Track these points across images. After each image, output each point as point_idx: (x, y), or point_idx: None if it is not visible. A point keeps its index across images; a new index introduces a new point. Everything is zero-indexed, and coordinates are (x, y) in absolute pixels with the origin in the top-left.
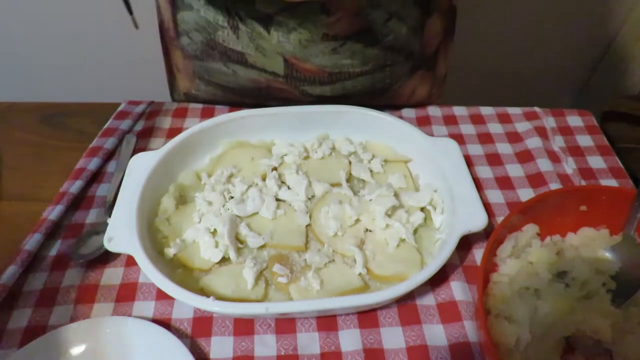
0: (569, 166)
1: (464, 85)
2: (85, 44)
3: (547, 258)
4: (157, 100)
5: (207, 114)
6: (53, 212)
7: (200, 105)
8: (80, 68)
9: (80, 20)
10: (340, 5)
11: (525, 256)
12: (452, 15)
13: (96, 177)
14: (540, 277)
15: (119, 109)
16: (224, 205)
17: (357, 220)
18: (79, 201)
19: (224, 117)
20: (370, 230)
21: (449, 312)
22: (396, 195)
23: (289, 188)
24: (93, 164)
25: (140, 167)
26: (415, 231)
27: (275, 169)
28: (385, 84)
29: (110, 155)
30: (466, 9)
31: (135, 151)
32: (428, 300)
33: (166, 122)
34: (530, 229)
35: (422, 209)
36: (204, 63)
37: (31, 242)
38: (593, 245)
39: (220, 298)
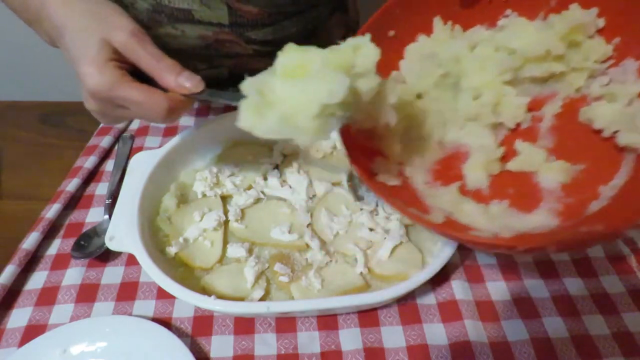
0: None
1: None
2: None
3: None
4: None
5: (201, 112)
6: (50, 211)
7: (195, 104)
8: None
9: None
10: None
11: None
12: None
13: (95, 176)
14: None
15: None
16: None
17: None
18: (79, 200)
19: (225, 116)
20: (372, 229)
21: (449, 312)
22: None
23: (290, 187)
24: (90, 162)
25: (141, 166)
26: (416, 231)
27: (276, 167)
28: (314, 25)
29: (107, 154)
30: None
31: (132, 150)
32: (429, 300)
33: None
34: None
35: None
36: (151, 31)
37: (29, 241)
38: None
39: (221, 297)
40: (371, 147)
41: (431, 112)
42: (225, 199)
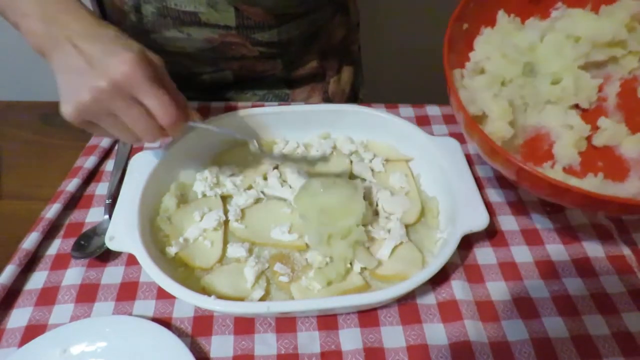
0: None
1: None
2: None
3: None
4: None
5: (202, 112)
6: (50, 211)
7: (195, 104)
8: None
9: None
10: None
11: None
12: None
13: (95, 176)
14: None
15: None
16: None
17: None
18: (79, 200)
19: (225, 116)
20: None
21: (449, 312)
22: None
23: (290, 187)
24: (90, 162)
25: (141, 166)
26: (416, 231)
27: (276, 167)
28: (318, 26)
29: (107, 154)
30: None
31: (132, 150)
32: (429, 300)
33: None
34: None
35: (422, 209)
36: (157, 34)
37: (29, 241)
38: None
39: (221, 297)
40: None
41: (515, 98)
42: (225, 199)
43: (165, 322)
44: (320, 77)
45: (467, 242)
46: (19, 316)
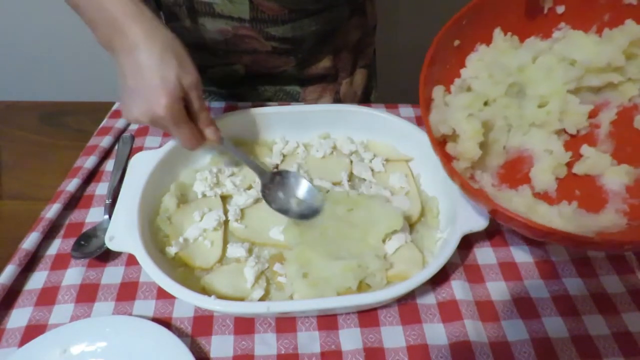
0: None
1: None
2: (86, 43)
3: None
4: None
5: None
6: (50, 211)
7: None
8: (79, 67)
9: (80, 21)
10: None
11: None
12: None
13: (95, 176)
14: None
15: (114, 107)
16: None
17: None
18: (79, 200)
19: (225, 116)
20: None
21: (449, 311)
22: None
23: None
24: (90, 162)
25: (141, 166)
26: (416, 231)
27: (276, 167)
28: (333, 26)
29: (107, 154)
30: None
31: (132, 150)
32: (429, 300)
33: None
34: None
35: (422, 209)
36: (171, 24)
37: (29, 241)
38: None
39: (221, 297)
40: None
41: (498, 118)
42: (225, 199)
43: (165, 322)
44: (332, 77)
45: (467, 242)
46: (19, 316)
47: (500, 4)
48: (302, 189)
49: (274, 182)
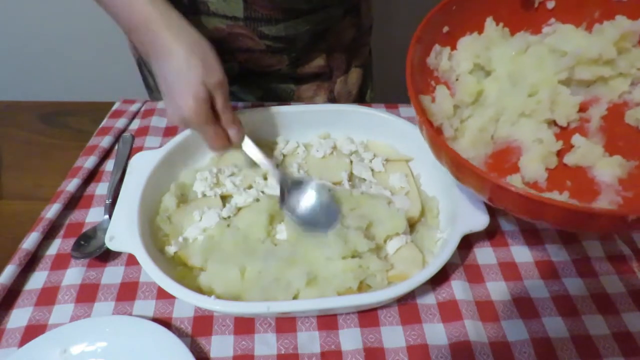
0: None
1: None
2: (86, 43)
3: None
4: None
5: None
6: (50, 211)
7: None
8: (79, 67)
9: (80, 20)
10: None
11: None
12: None
13: (95, 176)
14: None
15: (114, 107)
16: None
17: None
18: (79, 200)
19: None
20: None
21: (449, 311)
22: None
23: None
24: (90, 162)
25: (141, 166)
26: (416, 231)
27: (276, 167)
28: (326, 25)
29: (107, 154)
30: None
31: (132, 150)
32: (429, 299)
33: (162, 121)
34: None
35: (422, 209)
36: None
37: (29, 241)
38: None
39: (218, 296)
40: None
41: (487, 107)
42: (225, 198)
43: (165, 322)
44: (326, 76)
45: (467, 242)
46: (19, 316)
47: None
48: (321, 200)
49: (293, 189)
